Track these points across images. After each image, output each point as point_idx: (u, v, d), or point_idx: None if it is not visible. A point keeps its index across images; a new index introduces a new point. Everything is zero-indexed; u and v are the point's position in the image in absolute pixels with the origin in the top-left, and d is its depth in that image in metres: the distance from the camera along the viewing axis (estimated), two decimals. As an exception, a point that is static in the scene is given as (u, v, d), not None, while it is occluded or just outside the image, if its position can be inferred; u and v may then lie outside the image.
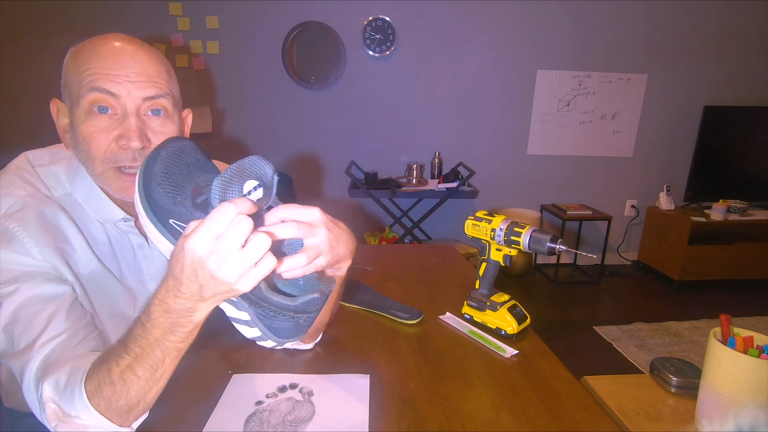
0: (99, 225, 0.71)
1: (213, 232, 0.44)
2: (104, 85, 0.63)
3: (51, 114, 0.70)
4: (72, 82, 0.65)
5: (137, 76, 0.65)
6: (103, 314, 0.70)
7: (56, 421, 0.53)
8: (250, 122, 2.89)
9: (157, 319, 0.50)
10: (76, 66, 0.64)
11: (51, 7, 2.55)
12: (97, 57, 0.64)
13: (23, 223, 0.62)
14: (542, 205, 3.20)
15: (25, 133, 2.57)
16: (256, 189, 0.50)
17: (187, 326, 0.51)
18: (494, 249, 0.86)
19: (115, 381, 0.52)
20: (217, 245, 0.45)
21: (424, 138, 3.03)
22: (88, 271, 0.68)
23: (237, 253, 0.45)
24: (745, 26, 3.01)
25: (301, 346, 0.78)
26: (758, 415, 0.62)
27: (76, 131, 0.65)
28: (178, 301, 0.49)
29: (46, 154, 0.73)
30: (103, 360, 0.54)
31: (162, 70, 0.69)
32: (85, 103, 0.63)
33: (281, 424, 0.61)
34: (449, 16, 2.82)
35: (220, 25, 2.71)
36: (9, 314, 0.58)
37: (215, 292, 0.48)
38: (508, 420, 0.63)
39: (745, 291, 2.93)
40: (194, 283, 0.47)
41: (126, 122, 0.65)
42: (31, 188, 0.66)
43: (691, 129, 3.07)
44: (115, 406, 0.53)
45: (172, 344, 0.52)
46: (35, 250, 0.61)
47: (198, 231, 0.45)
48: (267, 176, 0.51)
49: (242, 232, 0.45)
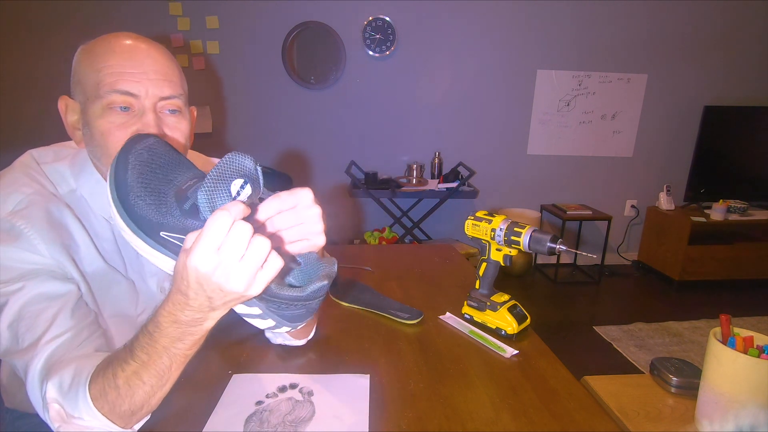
0: (104, 222, 0.71)
1: (213, 245, 0.44)
2: (125, 87, 0.64)
3: (59, 111, 0.70)
4: (87, 79, 0.65)
5: (155, 74, 0.66)
6: (106, 312, 0.70)
7: (59, 422, 0.53)
8: (250, 122, 2.90)
9: (166, 329, 0.50)
10: (90, 63, 0.65)
11: (51, 7, 2.55)
12: (113, 54, 0.64)
13: (30, 220, 0.62)
14: (542, 205, 3.20)
15: (25, 132, 2.58)
16: (243, 187, 0.48)
17: (197, 335, 0.52)
18: (494, 249, 0.86)
19: (120, 386, 0.52)
20: (220, 257, 0.44)
21: (424, 138, 3.03)
22: (93, 269, 0.68)
23: (241, 261, 0.45)
24: (745, 26, 3.01)
25: (293, 342, 0.78)
26: (758, 415, 0.62)
27: (92, 127, 0.65)
28: (187, 314, 0.49)
29: (50, 152, 0.73)
30: (108, 364, 0.54)
31: (174, 68, 0.70)
32: (104, 102, 0.64)
33: (281, 424, 0.61)
34: (449, 16, 2.82)
35: (220, 25, 2.71)
36: (14, 312, 0.59)
37: (225, 301, 0.48)
38: (508, 420, 0.63)
39: (745, 291, 2.93)
40: (202, 296, 0.47)
41: (144, 118, 0.66)
42: (38, 185, 0.66)
43: (691, 129, 3.07)
44: (118, 410, 0.53)
45: (180, 351, 0.52)
46: (43, 247, 0.62)
47: (198, 246, 0.44)
48: (250, 170, 0.49)
49: (243, 240, 0.44)
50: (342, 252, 1.23)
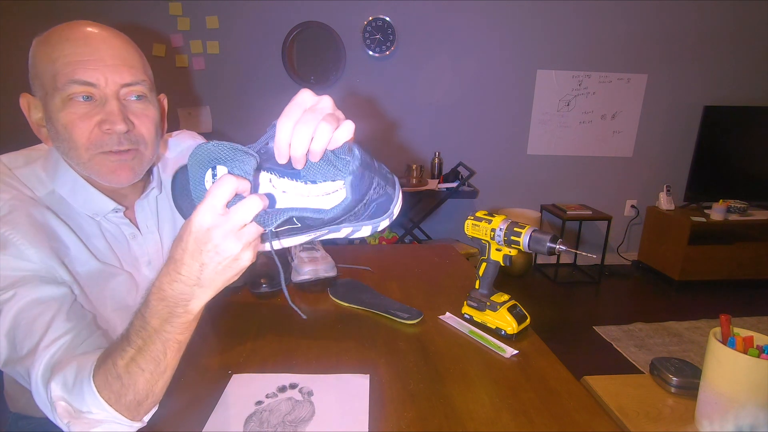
0: (89, 219, 0.70)
1: (218, 205, 0.45)
2: (82, 76, 0.62)
3: (22, 110, 0.68)
4: (44, 72, 0.63)
5: (112, 59, 0.64)
6: (107, 309, 0.70)
7: (68, 418, 0.53)
8: (251, 122, 2.89)
9: (155, 307, 0.50)
10: (45, 54, 0.63)
11: (49, 7, 2.55)
12: (68, 43, 0.62)
13: (15, 226, 0.61)
14: (542, 205, 3.20)
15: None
16: (215, 175, 0.48)
17: (183, 316, 0.51)
18: (494, 249, 0.86)
19: (121, 375, 0.52)
20: (223, 220, 0.46)
21: (424, 138, 3.03)
22: (86, 269, 0.68)
23: (241, 230, 0.46)
24: (745, 26, 3.01)
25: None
26: (758, 415, 0.62)
27: (55, 121, 0.64)
28: (175, 286, 0.49)
29: (20, 156, 0.71)
30: (108, 354, 0.54)
31: (134, 54, 0.68)
32: (63, 94, 0.62)
33: (281, 424, 0.61)
34: (449, 16, 2.82)
35: (220, 25, 2.71)
36: (9, 320, 0.58)
37: (216, 270, 0.48)
38: (508, 420, 0.63)
39: (745, 291, 2.93)
40: (195, 263, 0.47)
41: (107, 106, 0.64)
42: (15, 191, 0.65)
43: (691, 129, 3.07)
44: (124, 401, 0.53)
45: (170, 335, 0.51)
46: (31, 252, 0.60)
47: (203, 205, 0.45)
48: (229, 158, 0.47)
49: (248, 214, 0.46)
50: (342, 252, 1.23)
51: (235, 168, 0.47)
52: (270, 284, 0.98)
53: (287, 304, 0.96)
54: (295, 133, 0.46)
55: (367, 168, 0.50)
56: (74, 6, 2.55)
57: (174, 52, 2.71)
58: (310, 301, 0.99)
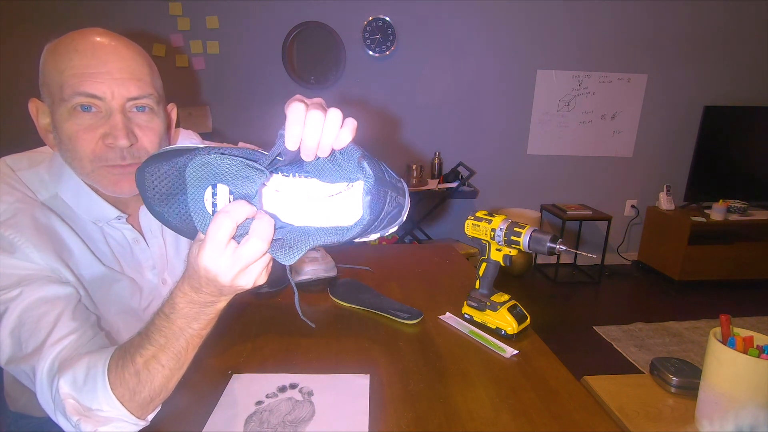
0: (92, 225, 0.71)
1: (220, 245, 0.45)
2: (88, 89, 0.61)
3: (30, 114, 0.68)
4: (52, 81, 0.63)
5: (119, 72, 0.63)
6: (110, 312, 0.70)
7: (78, 415, 0.53)
8: (251, 122, 2.89)
9: (182, 309, 0.52)
10: (54, 64, 0.63)
11: (49, 7, 2.55)
12: (76, 53, 0.62)
13: (19, 229, 0.61)
14: (542, 205, 3.20)
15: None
16: (215, 194, 0.45)
17: (210, 314, 0.54)
18: (494, 249, 0.86)
19: (140, 371, 0.53)
20: (229, 261, 0.46)
21: (424, 138, 3.03)
22: (90, 272, 0.68)
23: (249, 267, 0.48)
24: (745, 26, 3.01)
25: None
26: (758, 415, 0.62)
27: (60, 130, 0.64)
28: (201, 296, 0.51)
29: (24, 158, 0.71)
30: (124, 353, 0.54)
31: (144, 65, 0.68)
32: (68, 105, 0.62)
33: (281, 424, 0.61)
34: (449, 16, 2.82)
35: (220, 25, 2.71)
36: (14, 318, 0.58)
37: (235, 292, 0.51)
38: (508, 420, 0.63)
39: (745, 291, 2.93)
40: (213, 288, 0.49)
41: (111, 120, 0.64)
42: (19, 193, 0.65)
43: (691, 129, 3.07)
44: (138, 398, 0.53)
45: (195, 331, 0.54)
46: (36, 255, 0.60)
47: (206, 247, 0.45)
48: (233, 175, 0.45)
49: (253, 254, 0.46)
50: (342, 252, 1.23)
51: (239, 186, 0.45)
52: (270, 284, 0.98)
53: (287, 304, 0.97)
54: (308, 121, 0.45)
55: (380, 183, 0.49)
56: (75, 6, 2.55)
57: (174, 52, 2.71)
58: (310, 301, 0.99)
